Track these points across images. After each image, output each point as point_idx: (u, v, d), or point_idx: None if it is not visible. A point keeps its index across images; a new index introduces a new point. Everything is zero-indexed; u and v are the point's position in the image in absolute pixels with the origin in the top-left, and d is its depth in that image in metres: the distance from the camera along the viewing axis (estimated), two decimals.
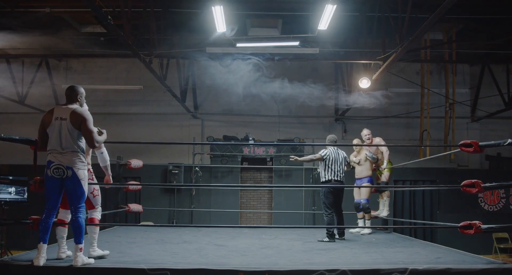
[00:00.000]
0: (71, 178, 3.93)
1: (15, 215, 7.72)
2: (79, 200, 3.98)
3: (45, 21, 9.62)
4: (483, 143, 4.58)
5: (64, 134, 3.98)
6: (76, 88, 4.22)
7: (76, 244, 3.92)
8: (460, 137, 10.65)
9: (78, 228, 3.95)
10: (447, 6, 5.67)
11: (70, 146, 3.97)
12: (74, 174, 3.94)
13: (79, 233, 3.94)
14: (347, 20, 9.11)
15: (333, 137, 6.75)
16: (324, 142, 7.05)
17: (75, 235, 3.94)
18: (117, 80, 12.17)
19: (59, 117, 4.03)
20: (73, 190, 3.96)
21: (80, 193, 3.98)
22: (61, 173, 3.93)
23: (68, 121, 3.99)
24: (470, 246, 8.08)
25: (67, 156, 3.95)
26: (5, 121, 12.26)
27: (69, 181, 3.94)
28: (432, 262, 4.28)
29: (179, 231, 7.38)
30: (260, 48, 9.04)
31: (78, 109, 4.08)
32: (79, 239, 3.93)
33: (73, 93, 4.19)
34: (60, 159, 3.94)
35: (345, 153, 6.79)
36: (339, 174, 6.51)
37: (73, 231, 3.95)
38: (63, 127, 3.99)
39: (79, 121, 4.00)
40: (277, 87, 10.24)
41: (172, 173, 10.73)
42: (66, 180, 3.95)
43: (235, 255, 4.82)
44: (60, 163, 3.93)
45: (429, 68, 11.81)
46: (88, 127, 4.02)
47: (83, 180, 3.99)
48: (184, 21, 9.74)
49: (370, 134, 7.54)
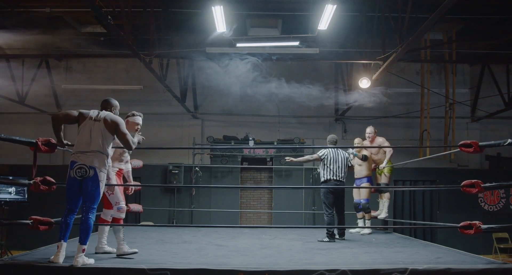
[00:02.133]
0: (92, 178, 3.97)
1: (15, 215, 7.72)
2: (93, 200, 4.02)
3: (45, 21, 9.62)
4: (483, 143, 4.57)
5: (94, 136, 4.06)
6: (111, 101, 4.40)
7: (80, 244, 3.92)
8: (460, 137, 10.65)
9: (86, 229, 3.96)
10: (447, 6, 5.67)
11: (98, 148, 4.03)
12: (96, 174, 3.99)
13: (85, 234, 3.95)
14: (347, 20, 9.10)
15: (333, 137, 6.74)
16: (324, 142, 7.06)
17: (81, 235, 3.95)
18: (117, 80, 12.17)
19: (94, 118, 4.13)
20: (91, 190, 3.99)
21: (97, 194, 4.03)
22: (83, 173, 3.98)
23: (102, 123, 4.10)
24: (470, 246, 8.09)
25: (91, 157, 4.00)
26: (5, 121, 12.26)
27: (89, 181, 3.98)
28: (432, 262, 4.28)
29: (179, 231, 7.38)
30: (260, 48, 9.03)
31: (112, 114, 4.25)
32: (84, 240, 3.93)
33: (108, 106, 4.36)
34: (84, 159, 3.99)
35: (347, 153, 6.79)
36: (338, 173, 6.49)
37: (80, 231, 3.96)
38: (96, 128, 4.08)
39: (114, 126, 4.13)
40: (277, 87, 10.24)
41: (172, 173, 10.73)
42: (86, 180, 3.98)
43: (235, 255, 4.82)
44: (83, 162, 3.98)
45: (429, 68, 11.81)
46: (123, 131, 4.17)
47: (102, 181, 4.04)
48: (184, 21, 9.74)
49: (372, 133, 7.43)
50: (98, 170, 4.00)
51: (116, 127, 4.13)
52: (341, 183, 6.50)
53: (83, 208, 4.04)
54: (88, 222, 3.97)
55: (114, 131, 4.14)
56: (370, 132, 7.44)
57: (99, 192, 4.05)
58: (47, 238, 6.79)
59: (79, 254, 3.88)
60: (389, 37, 8.43)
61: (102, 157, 4.05)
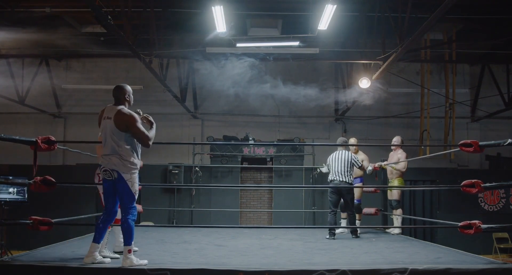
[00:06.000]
0: (119, 180, 3.92)
1: (15, 215, 7.71)
2: (128, 201, 3.97)
3: (45, 21, 9.61)
4: (483, 143, 4.57)
5: (109, 135, 3.93)
6: (123, 87, 4.10)
7: (124, 245, 3.91)
8: (460, 137, 10.65)
9: (127, 230, 3.92)
10: (447, 6, 5.67)
11: (113, 149, 3.91)
12: (120, 176, 3.91)
13: (128, 235, 3.91)
14: (347, 20, 9.10)
15: (339, 140, 6.99)
16: (324, 142, 7.13)
17: (124, 236, 3.94)
18: (117, 80, 12.12)
19: (106, 116, 3.97)
20: (122, 192, 3.95)
21: (130, 194, 3.96)
22: (110, 175, 3.93)
23: (112, 121, 3.90)
24: (470, 246, 8.08)
25: (111, 159, 3.91)
26: (5, 121, 12.27)
27: (118, 183, 3.94)
28: (432, 262, 4.28)
29: (179, 231, 7.37)
30: (260, 48, 9.04)
31: (124, 110, 3.98)
32: (127, 240, 3.90)
33: (121, 92, 4.06)
34: (106, 162, 3.93)
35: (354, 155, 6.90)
36: (339, 174, 6.65)
37: (122, 233, 3.95)
38: (108, 127, 3.93)
39: (124, 123, 3.90)
40: (277, 87, 10.25)
41: (172, 173, 10.72)
42: (116, 183, 3.95)
43: (235, 255, 4.82)
44: (105, 166, 3.93)
45: (429, 68, 11.81)
46: (137, 128, 3.91)
47: (130, 181, 3.94)
48: (184, 21, 9.73)
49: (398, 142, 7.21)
50: (121, 172, 3.91)
51: (128, 124, 3.89)
52: (344, 183, 6.64)
53: (121, 209, 4.01)
54: (127, 222, 3.93)
55: (125, 128, 3.90)
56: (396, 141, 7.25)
57: (131, 192, 3.96)
58: (47, 238, 6.83)
59: (127, 255, 3.84)
60: (389, 37, 8.43)
61: (121, 157, 3.90)
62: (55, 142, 4.41)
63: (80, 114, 12.23)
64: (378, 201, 8.49)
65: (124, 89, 4.09)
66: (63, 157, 12.13)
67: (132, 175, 3.96)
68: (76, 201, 9.94)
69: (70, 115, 12.46)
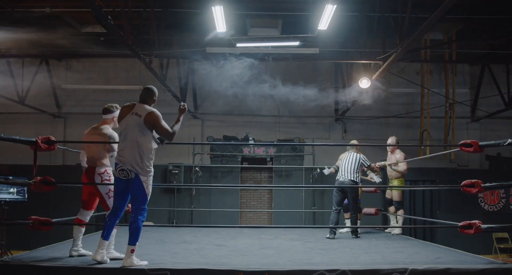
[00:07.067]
0: (135, 180, 3.94)
1: (15, 215, 7.71)
2: (140, 201, 3.99)
3: (45, 21, 9.61)
4: (483, 143, 4.57)
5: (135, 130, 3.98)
6: (153, 89, 4.30)
7: (128, 244, 3.90)
8: (460, 137, 10.66)
9: (135, 230, 3.93)
10: (447, 6, 5.67)
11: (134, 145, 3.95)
12: (137, 177, 3.94)
13: (135, 235, 3.92)
14: (347, 20, 9.10)
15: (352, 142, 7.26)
16: (324, 142, 7.21)
17: (130, 235, 3.93)
18: (117, 80, 12.17)
19: (135, 113, 4.05)
20: (136, 192, 3.97)
21: (144, 195, 3.99)
22: (126, 175, 3.94)
23: (143, 119, 4.01)
24: (470, 246, 8.08)
25: (131, 158, 3.93)
26: (5, 121, 12.26)
27: (133, 183, 3.95)
28: (432, 262, 4.28)
29: (179, 231, 7.37)
30: (260, 48, 9.04)
31: (156, 112, 4.14)
32: (132, 240, 3.91)
33: (152, 94, 4.27)
34: (124, 161, 3.94)
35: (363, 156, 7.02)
36: (345, 174, 6.85)
37: (129, 232, 3.94)
38: (136, 124, 3.99)
39: (152, 122, 4.04)
40: (277, 87, 10.24)
41: (172, 173, 10.72)
42: (131, 182, 3.96)
43: (235, 255, 4.82)
44: (123, 166, 3.93)
45: (429, 68, 11.81)
46: (163, 126, 4.09)
47: (145, 183, 3.98)
48: (184, 21, 9.73)
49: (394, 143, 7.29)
50: (138, 173, 3.94)
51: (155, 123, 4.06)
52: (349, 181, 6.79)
53: (132, 209, 4.02)
54: (137, 223, 3.94)
55: (151, 127, 4.06)
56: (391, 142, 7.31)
57: (145, 193, 4.00)
58: (47, 238, 6.82)
59: (129, 255, 3.85)
60: (389, 37, 8.43)
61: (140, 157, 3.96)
62: (55, 141, 4.41)
63: (80, 114, 12.23)
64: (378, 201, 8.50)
65: (154, 91, 4.32)
66: (63, 157, 12.12)
67: (148, 177, 4.02)
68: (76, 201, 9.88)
69: (70, 115, 12.46)
